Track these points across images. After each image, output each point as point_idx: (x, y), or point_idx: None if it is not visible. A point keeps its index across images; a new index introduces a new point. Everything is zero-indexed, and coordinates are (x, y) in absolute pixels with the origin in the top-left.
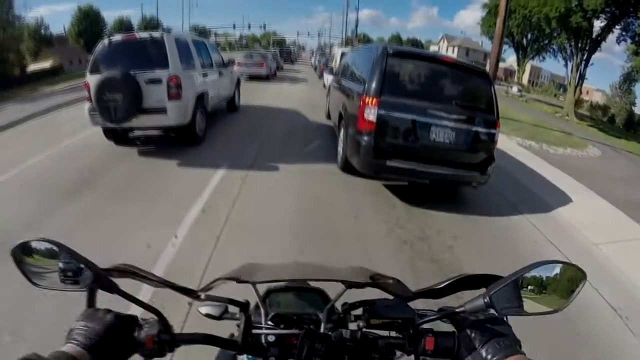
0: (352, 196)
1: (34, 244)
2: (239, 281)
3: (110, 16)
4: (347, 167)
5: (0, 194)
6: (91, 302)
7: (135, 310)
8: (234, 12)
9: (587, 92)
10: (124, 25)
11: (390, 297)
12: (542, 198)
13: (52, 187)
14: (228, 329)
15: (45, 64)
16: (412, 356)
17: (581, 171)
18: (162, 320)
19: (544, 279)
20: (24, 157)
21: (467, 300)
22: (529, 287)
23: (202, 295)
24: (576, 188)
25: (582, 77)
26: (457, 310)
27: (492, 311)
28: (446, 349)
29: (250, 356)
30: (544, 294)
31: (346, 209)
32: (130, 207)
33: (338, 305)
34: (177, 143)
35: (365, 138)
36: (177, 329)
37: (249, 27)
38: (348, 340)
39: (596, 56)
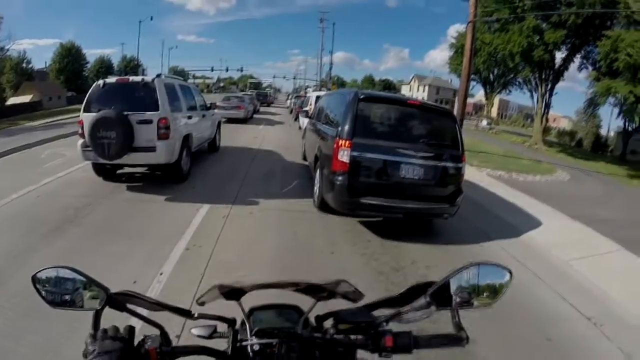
0: (329, 233)
1: (51, 271)
2: (227, 297)
3: (91, 54)
4: (324, 206)
5: (2, 218)
6: (97, 319)
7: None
8: (211, 55)
9: (554, 120)
10: (104, 65)
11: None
12: (512, 224)
13: (36, 224)
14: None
15: (25, 98)
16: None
17: (551, 195)
18: (163, 334)
19: (476, 278)
20: (6, 192)
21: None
22: (464, 285)
23: (196, 314)
24: (546, 211)
25: (547, 106)
26: (403, 310)
27: (433, 308)
28: (403, 344)
29: None
30: (476, 292)
31: (324, 244)
32: (116, 244)
33: (312, 318)
34: (162, 181)
35: (340, 178)
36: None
37: (227, 69)
38: (318, 339)
39: (560, 85)
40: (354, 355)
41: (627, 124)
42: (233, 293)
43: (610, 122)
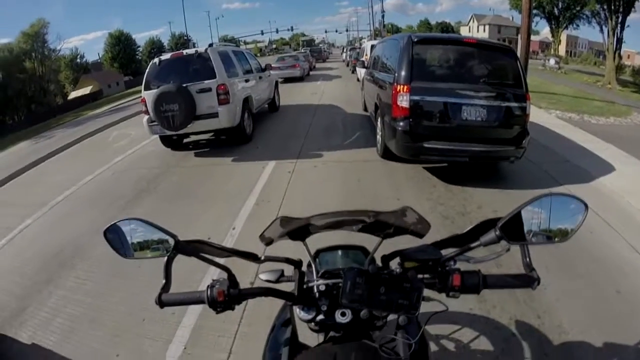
0: (393, 180)
1: (121, 224)
2: (293, 237)
3: (141, 38)
4: (387, 154)
5: (84, 197)
6: (168, 267)
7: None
8: (259, 19)
9: (629, 57)
10: (155, 45)
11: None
12: (584, 168)
13: (114, 198)
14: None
15: (85, 90)
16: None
17: (625, 139)
18: (231, 277)
19: (548, 211)
20: (83, 174)
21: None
22: (535, 219)
23: (262, 257)
24: (619, 156)
25: (619, 42)
26: (473, 245)
27: (504, 244)
28: (471, 284)
29: (305, 307)
30: (549, 225)
31: (389, 191)
32: (189, 206)
33: (379, 258)
34: (228, 144)
35: (401, 124)
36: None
37: (277, 31)
38: (384, 274)
39: (632, 17)
40: (420, 293)
41: None
42: (298, 233)
43: None
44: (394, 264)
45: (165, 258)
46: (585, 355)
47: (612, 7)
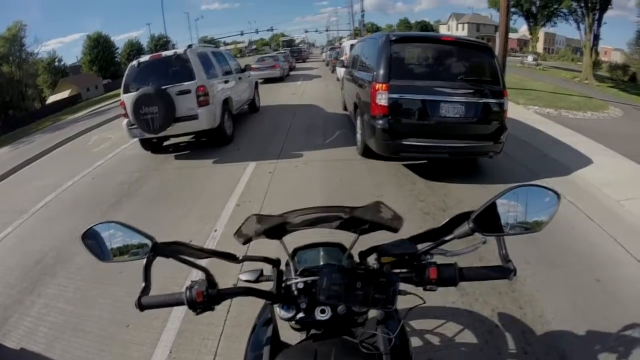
0: (374, 177)
1: (97, 228)
2: (269, 236)
3: (120, 40)
4: (367, 152)
5: (65, 203)
6: (147, 270)
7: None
8: (238, 20)
9: (605, 53)
10: (134, 47)
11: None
12: (562, 162)
13: (95, 203)
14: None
15: (64, 94)
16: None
17: (602, 133)
18: (209, 277)
19: (521, 202)
20: (63, 180)
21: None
22: (509, 210)
23: (240, 257)
24: (597, 149)
25: (596, 38)
26: (447, 238)
27: (479, 235)
28: (448, 277)
29: (284, 306)
30: (523, 216)
31: (370, 189)
32: (171, 209)
33: (357, 255)
34: (208, 146)
35: (380, 122)
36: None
37: (257, 32)
38: (360, 270)
39: (610, 14)
40: (396, 287)
41: None
42: (275, 231)
43: None
44: (372, 259)
45: (144, 261)
46: (568, 344)
47: (589, 5)
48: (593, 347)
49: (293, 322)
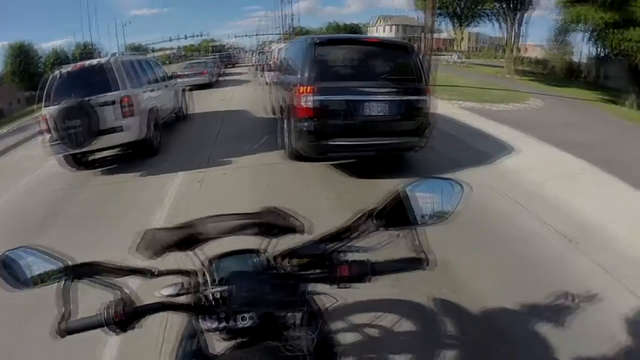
0: (302, 180)
1: (10, 254)
2: (180, 249)
3: (44, 49)
4: (295, 155)
5: None
6: (65, 294)
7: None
8: (168, 25)
9: (526, 49)
10: (59, 56)
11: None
12: (486, 152)
13: (18, 227)
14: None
15: None
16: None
17: (524, 122)
18: (124, 295)
19: (427, 194)
20: None
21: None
22: (414, 202)
23: (156, 272)
24: (519, 138)
25: (517, 36)
26: (353, 236)
27: (383, 230)
28: (360, 273)
29: (206, 317)
30: (429, 208)
31: (298, 191)
32: (98, 228)
33: (272, 258)
34: (135, 159)
35: (306, 124)
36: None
37: (186, 37)
38: (267, 275)
39: (530, 13)
40: (304, 288)
41: (599, 49)
42: (185, 243)
43: (583, 48)
44: (286, 263)
45: (62, 285)
46: (504, 319)
47: (510, 5)
48: (528, 319)
49: (219, 332)
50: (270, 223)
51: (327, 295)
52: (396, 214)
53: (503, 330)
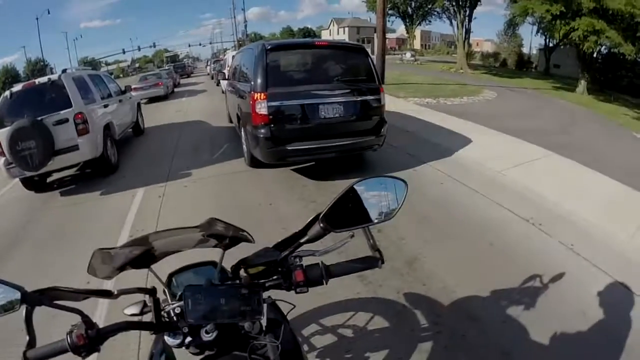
0: (265, 186)
1: None
2: (135, 266)
3: None
4: (255, 162)
5: None
6: (28, 321)
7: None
8: (120, 37)
9: (477, 44)
10: (9, 74)
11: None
12: (444, 145)
13: None
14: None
15: None
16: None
17: (479, 114)
18: (85, 318)
19: (372, 194)
20: None
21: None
22: (360, 202)
23: (116, 292)
24: (475, 129)
25: (468, 32)
26: (303, 240)
27: (333, 232)
28: (315, 277)
29: (171, 333)
30: (376, 206)
31: (262, 198)
32: (61, 252)
33: (230, 269)
34: (93, 177)
35: (262, 131)
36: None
37: (139, 48)
38: (219, 286)
39: (479, 9)
40: (259, 296)
41: (547, 40)
42: (140, 261)
43: (532, 40)
44: (243, 272)
45: (24, 313)
46: (475, 306)
47: (460, 3)
48: (500, 304)
49: (184, 347)
50: (221, 234)
51: (284, 302)
52: (345, 215)
53: (476, 316)
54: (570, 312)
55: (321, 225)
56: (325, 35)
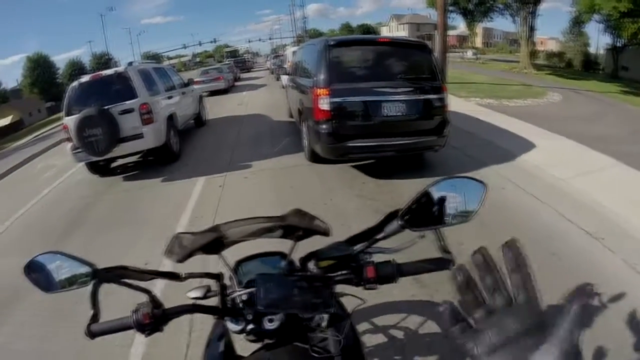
0: (324, 182)
1: (39, 259)
2: (206, 252)
3: (61, 60)
4: (314, 157)
5: (15, 235)
6: (94, 297)
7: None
8: (182, 32)
9: (542, 43)
10: (76, 67)
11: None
12: (506, 148)
13: (45, 233)
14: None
15: (5, 121)
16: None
17: (543, 117)
18: (152, 298)
19: (450, 194)
20: (12, 211)
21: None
22: (437, 203)
23: (183, 275)
24: (539, 133)
25: (532, 29)
26: (379, 237)
27: (409, 232)
28: (387, 274)
29: (233, 319)
30: (452, 207)
31: (321, 193)
32: (123, 233)
33: (298, 261)
34: (156, 165)
35: (324, 126)
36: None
37: (200, 44)
38: (293, 277)
39: (544, 6)
40: (332, 290)
41: (615, 40)
42: (212, 247)
43: (599, 39)
44: (312, 264)
45: (91, 288)
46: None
47: None
48: (555, 315)
49: (245, 334)
50: (295, 225)
51: (354, 297)
52: (421, 215)
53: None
54: (624, 331)
55: (400, 222)
56: (385, 32)
